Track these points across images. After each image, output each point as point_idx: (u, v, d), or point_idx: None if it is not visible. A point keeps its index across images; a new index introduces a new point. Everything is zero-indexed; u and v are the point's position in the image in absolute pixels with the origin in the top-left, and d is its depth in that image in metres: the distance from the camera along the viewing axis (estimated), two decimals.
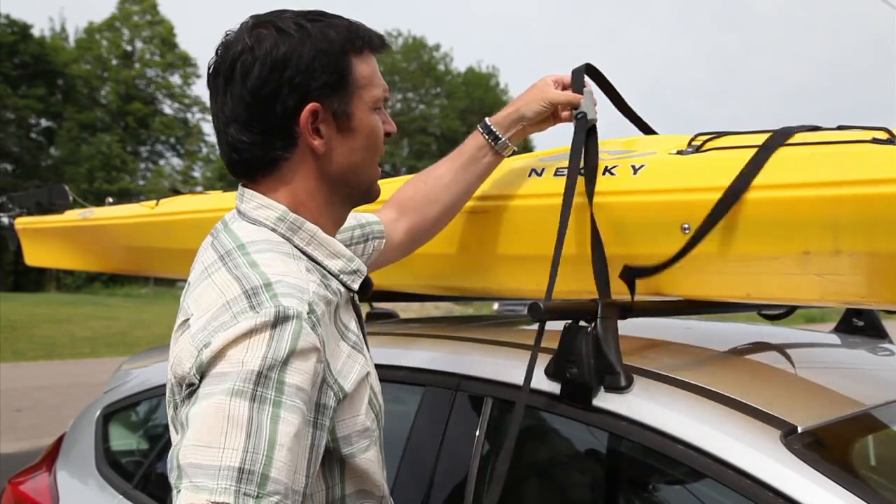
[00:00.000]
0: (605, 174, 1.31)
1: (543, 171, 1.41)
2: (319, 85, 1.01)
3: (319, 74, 1.01)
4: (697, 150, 1.28)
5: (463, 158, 1.41)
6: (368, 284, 1.11)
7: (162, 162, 32.85)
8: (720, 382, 1.21)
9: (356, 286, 1.07)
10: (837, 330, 1.95)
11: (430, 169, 1.44)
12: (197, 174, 32.24)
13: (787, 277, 1.17)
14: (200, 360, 0.86)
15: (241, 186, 1.08)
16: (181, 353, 0.91)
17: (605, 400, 1.19)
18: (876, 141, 1.11)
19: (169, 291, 21.80)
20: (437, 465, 1.40)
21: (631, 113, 1.51)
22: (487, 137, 1.41)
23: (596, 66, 1.44)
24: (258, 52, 0.99)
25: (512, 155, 1.44)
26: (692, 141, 1.32)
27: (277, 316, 0.87)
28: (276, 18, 1.02)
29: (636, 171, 1.28)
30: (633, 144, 1.43)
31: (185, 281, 1.05)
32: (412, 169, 30.42)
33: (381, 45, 1.10)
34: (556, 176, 1.38)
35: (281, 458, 0.82)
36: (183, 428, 0.85)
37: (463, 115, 36.13)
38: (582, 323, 1.21)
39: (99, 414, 2.28)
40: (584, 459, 1.38)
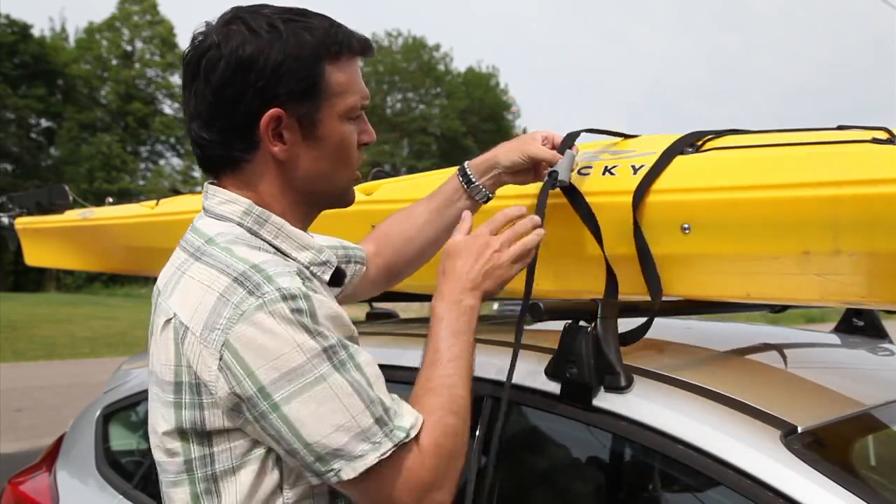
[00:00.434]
0: (605, 174, 1.31)
1: None
2: (286, 91, 0.97)
3: (286, 80, 0.97)
4: (697, 150, 1.28)
5: (438, 200, 1.36)
6: (341, 275, 1.10)
7: (162, 162, 32.84)
8: (720, 382, 1.21)
9: (326, 277, 1.06)
10: (837, 330, 1.95)
11: (410, 207, 1.40)
12: (197, 174, 32.16)
13: (787, 277, 1.17)
14: (231, 366, 0.87)
15: (206, 184, 1.07)
16: (199, 359, 0.90)
17: (605, 400, 1.19)
18: (876, 141, 1.11)
19: None
20: None
21: None
22: (461, 180, 1.34)
23: (595, 129, 1.41)
24: (224, 49, 0.96)
25: (487, 202, 1.36)
26: (696, 142, 1.32)
27: (283, 297, 0.89)
28: (250, 15, 0.99)
29: (636, 171, 1.28)
30: (633, 144, 1.43)
31: None
32: (412, 169, 30.41)
33: (361, 49, 1.05)
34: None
35: (379, 386, 0.93)
36: (285, 430, 0.88)
37: (463, 115, 36.11)
38: (582, 323, 1.21)
39: (99, 414, 2.28)
40: (583, 459, 1.38)
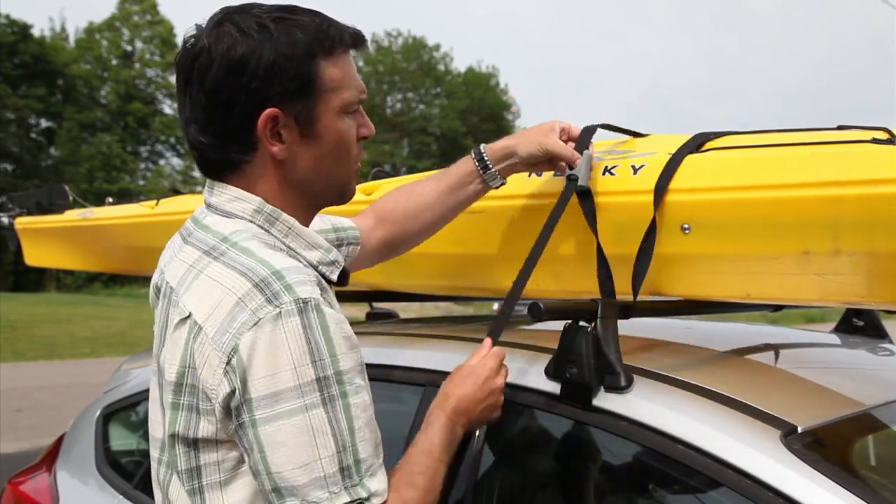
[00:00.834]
0: (605, 174, 1.31)
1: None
2: (280, 90, 0.97)
3: (280, 79, 0.96)
4: (697, 150, 1.28)
5: (450, 180, 1.36)
6: (345, 275, 1.09)
7: (162, 162, 32.82)
8: (720, 382, 1.21)
9: (334, 277, 1.06)
10: (837, 330, 1.95)
11: (415, 183, 1.40)
12: (197, 174, 32.15)
13: (787, 277, 1.17)
14: (235, 371, 0.87)
15: (209, 180, 1.06)
16: (206, 360, 0.90)
17: (605, 400, 1.19)
18: (876, 141, 1.11)
19: None
20: None
21: None
22: (477, 164, 1.34)
23: (611, 125, 1.41)
24: (215, 53, 0.96)
25: (499, 187, 1.37)
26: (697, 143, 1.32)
27: (300, 310, 0.88)
28: (239, 16, 0.98)
29: (636, 171, 1.28)
30: (633, 144, 1.43)
31: None
32: (412, 169, 30.40)
33: (354, 42, 1.03)
34: (556, 176, 1.38)
35: (363, 436, 0.91)
36: (256, 449, 0.87)
37: (463, 115, 36.08)
38: (582, 323, 1.21)
39: (99, 414, 2.28)
40: (583, 459, 1.38)
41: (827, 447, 1.09)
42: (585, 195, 1.27)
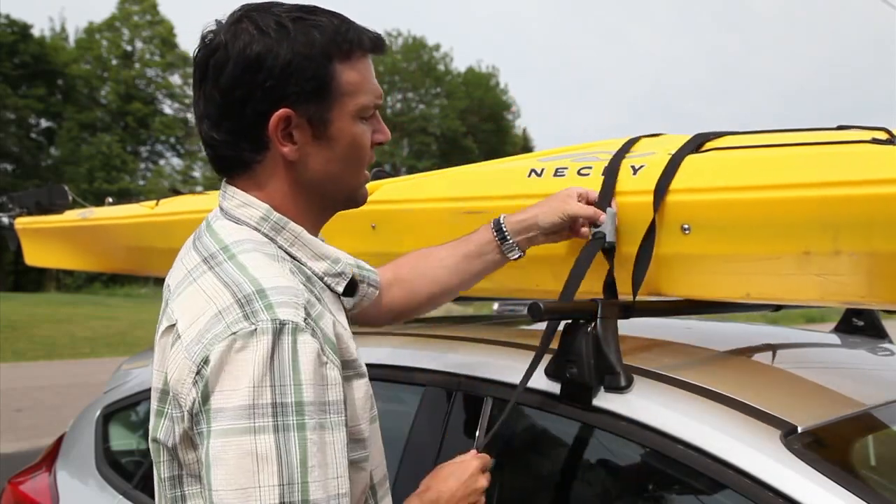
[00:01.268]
0: (604, 174, 1.31)
1: (543, 171, 1.41)
2: (295, 91, 0.95)
3: (295, 79, 0.95)
4: (697, 150, 1.28)
5: (467, 248, 1.31)
6: (354, 286, 1.08)
7: (162, 162, 32.83)
8: (720, 382, 1.21)
9: (340, 289, 1.04)
10: (837, 330, 1.95)
11: (434, 248, 1.35)
12: (197, 174, 32.20)
13: (787, 277, 1.17)
14: (202, 380, 0.85)
15: (223, 183, 1.05)
16: (178, 367, 0.89)
17: (605, 400, 1.19)
18: (876, 141, 1.12)
19: None
20: (436, 465, 1.40)
21: None
22: (496, 235, 1.29)
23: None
24: (232, 50, 0.95)
25: (518, 259, 1.31)
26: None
27: (275, 331, 0.85)
28: (259, 14, 0.97)
29: (636, 171, 1.28)
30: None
31: None
32: (412, 169, 30.40)
33: (373, 46, 1.02)
34: (555, 176, 1.38)
35: (315, 477, 0.84)
36: (205, 466, 0.84)
37: (463, 115, 36.08)
38: (582, 323, 1.21)
39: (99, 414, 2.28)
40: (583, 459, 1.38)
41: (827, 447, 1.09)
42: (611, 251, 1.26)
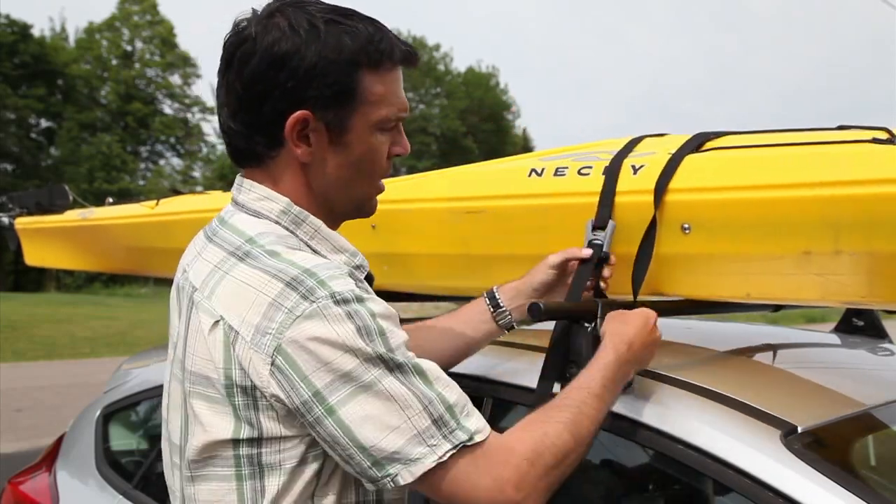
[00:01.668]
0: (604, 174, 1.31)
1: (544, 171, 1.41)
2: (316, 94, 0.95)
3: (318, 83, 0.94)
4: (697, 149, 1.28)
5: (460, 318, 1.30)
6: (370, 280, 1.08)
7: (162, 162, 32.82)
8: (720, 382, 1.21)
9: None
10: (837, 330, 1.95)
11: (430, 319, 1.34)
12: (197, 174, 32.22)
13: (787, 277, 1.17)
14: (288, 368, 0.86)
15: (238, 176, 1.05)
16: (250, 362, 0.88)
17: None
18: (876, 141, 1.12)
19: (169, 291, 21.66)
20: None
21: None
22: (489, 303, 1.28)
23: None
24: (260, 44, 0.95)
25: (510, 330, 1.30)
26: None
27: (338, 301, 0.88)
28: (294, 10, 0.96)
29: (636, 170, 1.28)
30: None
31: None
32: (412, 169, 30.37)
33: (405, 59, 1.01)
34: (555, 176, 1.38)
35: (443, 385, 0.91)
36: (341, 434, 0.87)
37: (463, 115, 36.08)
38: (582, 323, 1.21)
39: (99, 414, 2.28)
40: (583, 459, 1.38)
41: (827, 447, 1.09)
42: (602, 262, 1.25)
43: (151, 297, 21.48)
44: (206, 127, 33.25)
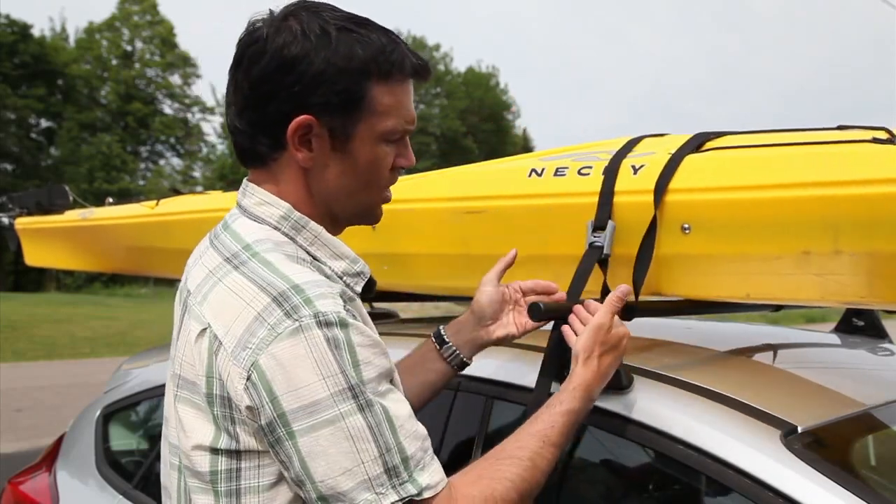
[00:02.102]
0: (604, 174, 1.31)
1: (544, 171, 1.41)
2: (321, 101, 0.95)
3: (323, 90, 0.94)
4: (697, 149, 1.28)
5: (413, 360, 1.27)
6: (372, 285, 1.08)
7: (162, 162, 32.81)
8: (720, 382, 1.21)
9: (359, 289, 1.04)
10: (837, 330, 1.95)
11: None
12: (197, 174, 32.20)
13: (787, 277, 1.17)
14: (261, 387, 0.86)
15: (245, 180, 1.06)
16: (228, 374, 0.89)
17: (605, 400, 1.19)
18: (876, 141, 1.12)
19: (169, 291, 21.73)
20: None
21: None
22: (435, 341, 1.26)
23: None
24: (270, 45, 0.95)
25: (461, 369, 1.26)
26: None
27: (320, 323, 0.87)
28: (308, 14, 0.97)
29: (636, 170, 1.28)
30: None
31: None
32: (412, 169, 30.31)
33: (415, 72, 1.00)
34: (556, 176, 1.38)
35: (406, 432, 0.90)
36: (296, 460, 0.87)
37: (463, 115, 36.07)
38: None
39: (99, 414, 2.28)
40: (583, 459, 1.38)
41: (827, 447, 1.09)
42: (605, 262, 1.25)
43: (151, 297, 21.48)
44: (206, 127, 33.33)
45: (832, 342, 1.85)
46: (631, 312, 1.28)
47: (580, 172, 1.33)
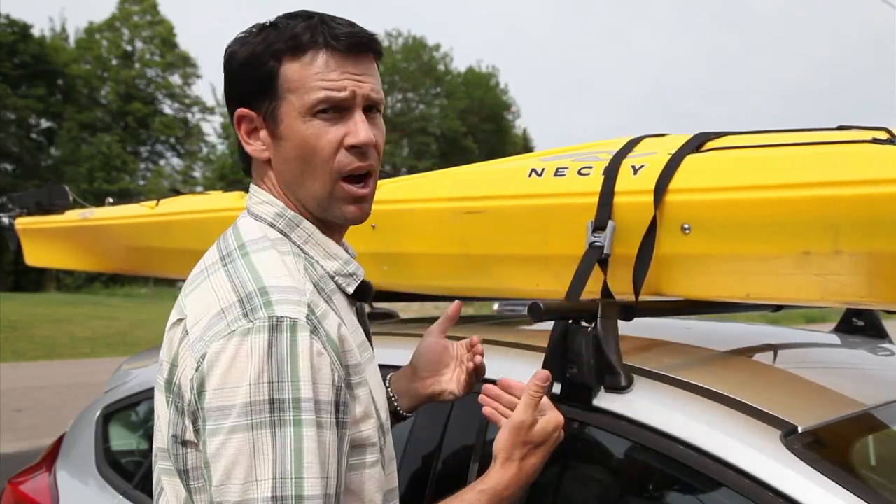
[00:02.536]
0: (604, 174, 1.31)
1: (544, 171, 1.41)
2: (246, 90, 1.00)
3: (245, 79, 0.99)
4: (697, 150, 1.28)
5: None
6: (368, 289, 1.08)
7: (162, 162, 32.85)
8: (720, 382, 1.21)
9: (350, 290, 1.04)
10: (837, 330, 1.95)
11: None
12: (197, 174, 32.23)
13: (787, 277, 1.17)
14: (199, 378, 0.87)
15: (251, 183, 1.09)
16: (185, 363, 0.91)
17: (605, 400, 1.19)
18: (876, 141, 1.12)
19: (169, 291, 21.76)
20: (436, 465, 1.40)
21: None
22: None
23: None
24: (227, 50, 1.02)
25: (400, 420, 1.23)
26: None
27: (272, 327, 0.86)
28: (273, 19, 1.01)
29: (636, 170, 1.28)
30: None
31: (185, 281, 1.05)
32: (412, 169, 30.38)
33: (330, 43, 0.96)
34: (556, 176, 1.38)
35: (311, 474, 0.84)
36: (205, 462, 0.86)
37: (463, 115, 36.07)
38: (582, 323, 1.21)
39: (99, 414, 2.28)
40: (583, 459, 1.38)
41: (827, 447, 1.09)
42: (605, 261, 1.24)
43: (151, 297, 21.49)
44: (206, 127, 33.39)
45: (832, 342, 1.85)
46: (631, 312, 1.28)
47: (580, 172, 1.33)
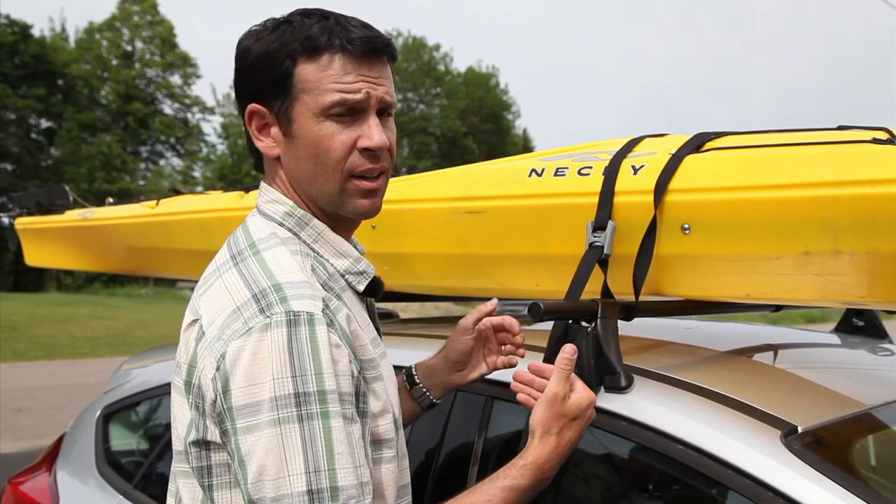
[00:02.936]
0: (604, 174, 1.31)
1: (544, 171, 1.41)
2: (258, 87, 0.99)
3: (258, 76, 0.99)
4: (697, 150, 1.28)
5: None
6: (378, 286, 1.08)
7: (162, 162, 32.81)
8: (720, 382, 1.21)
9: (361, 288, 1.04)
10: (837, 330, 1.95)
11: None
12: (197, 174, 32.19)
13: (787, 277, 1.17)
14: (222, 377, 0.87)
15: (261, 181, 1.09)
16: (204, 364, 0.90)
17: (605, 400, 1.19)
18: (876, 141, 1.12)
19: (169, 291, 21.78)
20: (437, 465, 1.40)
21: None
22: (406, 380, 1.26)
23: None
24: (239, 45, 1.01)
25: (430, 408, 1.26)
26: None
27: (290, 322, 0.87)
28: (287, 15, 1.01)
29: (636, 170, 1.28)
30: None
31: (185, 281, 1.05)
32: (412, 169, 30.39)
33: (350, 46, 0.96)
34: (556, 176, 1.38)
35: (343, 464, 0.85)
36: (235, 457, 0.86)
37: (463, 115, 36.09)
38: (582, 323, 1.21)
39: (99, 414, 2.28)
40: (583, 459, 1.38)
41: (827, 447, 1.09)
42: (605, 262, 1.24)
43: (151, 297, 21.49)
44: (206, 127, 33.38)
45: (832, 342, 1.85)
46: (631, 312, 1.28)
47: (580, 173, 1.33)
